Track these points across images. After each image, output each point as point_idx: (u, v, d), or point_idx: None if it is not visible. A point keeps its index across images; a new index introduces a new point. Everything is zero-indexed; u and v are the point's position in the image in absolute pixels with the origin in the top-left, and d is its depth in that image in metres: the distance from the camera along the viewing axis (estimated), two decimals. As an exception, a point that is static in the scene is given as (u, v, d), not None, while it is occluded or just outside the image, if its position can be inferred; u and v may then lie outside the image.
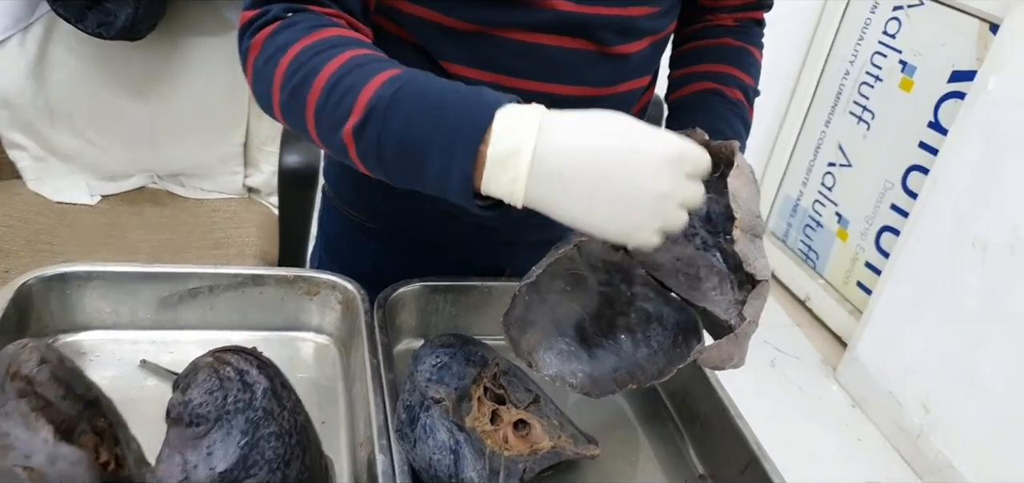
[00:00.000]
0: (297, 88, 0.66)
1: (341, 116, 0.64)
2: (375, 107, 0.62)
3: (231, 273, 0.91)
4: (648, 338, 0.77)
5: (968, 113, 2.06)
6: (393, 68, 0.65)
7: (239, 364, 0.66)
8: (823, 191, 2.77)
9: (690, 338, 0.75)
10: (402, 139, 0.62)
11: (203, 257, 1.50)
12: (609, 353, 0.77)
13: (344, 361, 0.91)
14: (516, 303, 0.74)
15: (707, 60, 0.94)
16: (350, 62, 0.65)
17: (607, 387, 0.76)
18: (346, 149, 0.65)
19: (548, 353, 0.76)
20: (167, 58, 1.58)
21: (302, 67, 0.65)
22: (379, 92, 0.62)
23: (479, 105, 0.60)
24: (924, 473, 2.19)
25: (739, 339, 0.67)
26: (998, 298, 1.98)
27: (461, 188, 0.61)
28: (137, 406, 0.79)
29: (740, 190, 0.68)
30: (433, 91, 0.62)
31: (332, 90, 0.64)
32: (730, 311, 0.71)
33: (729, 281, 0.72)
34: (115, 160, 1.63)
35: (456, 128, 0.60)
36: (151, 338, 0.89)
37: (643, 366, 0.76)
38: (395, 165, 0.64)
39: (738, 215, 0.68)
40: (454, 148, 0.60)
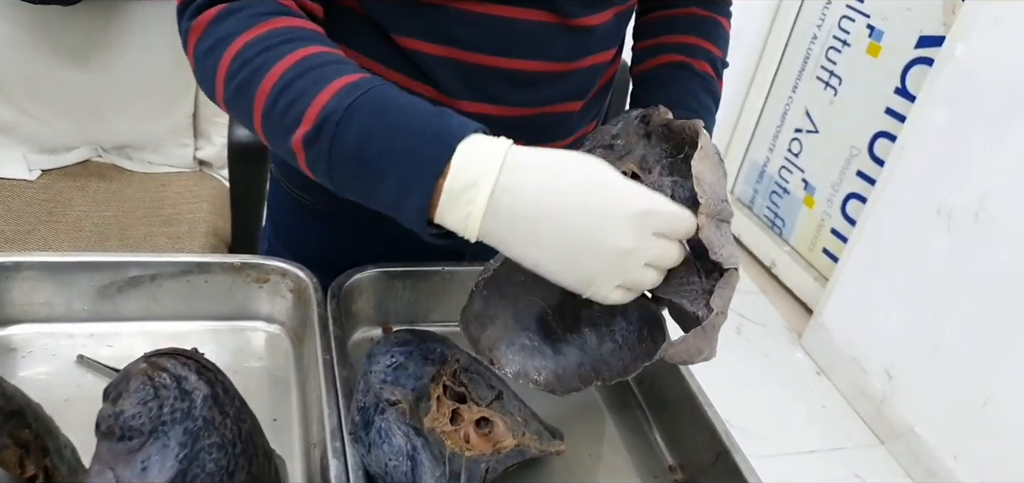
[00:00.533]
0: (243, 86, 0.62)
1: (291, 122, 0.60)
2: (328, 117, 0.58)
3: (175, 261, 0.86)
4: (612, 332, 0.74)
5: (935, 80, 2.05)
6: (350, 73, 0.61)
7: (176, 370, 0.61)
8: (789, 157, 2.76)
9: (656, 334, 0.71)
10: (355, 157, 0.58)
11: (152, 234, 1.44)
12: (573, 348, 0.74)
13: (297, 352, 0.87)
14: (474, 299, 0.70)
15: (673, 31, 0.91)
16: (302, 63, 0.60)
17: (572, 384, 0.73)
18: (295, 156, 0.61)
19: (510, 350, 0.72)
20: (106, 23, 1.49)
21: (248, 64, 0.61)
22: (333, 102, 0.58)
23: (442, 133, 0.57)
24: (887, 438, 2.22)
25: (707, 332, 0.64)
26: (962, 266, 1.99)
27: (416, 217, 0.58)
28: (74, 407, 0.75)
29: (704, 174, 0.65)
30: (393, 108, 0.59)
31: (281, 94, 0.60)
32: (697, 302, 0.67)
33: (695, 269, 0.68)
34: (55, 132, 1.55)
35: (415, 155, 0.56)
36: (89, 331, 0.84)
37: (608, 361, 0.73)
38: (345, 182, 0.61)
39: (702, 200, 0.64)
40: (412, 176, 0.57)
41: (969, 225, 1.96)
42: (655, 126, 0.71)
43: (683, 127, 0.68)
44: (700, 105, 0.85)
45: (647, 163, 0.71)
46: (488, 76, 0.78)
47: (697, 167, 0.64)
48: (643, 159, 0.72)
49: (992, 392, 1.91)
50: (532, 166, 0.57)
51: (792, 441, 2.18)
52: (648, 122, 0.72)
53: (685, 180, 0.69)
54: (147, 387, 0.59)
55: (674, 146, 0.70)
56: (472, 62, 0.77)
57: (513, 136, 0.59)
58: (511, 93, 0.80)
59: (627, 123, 0.72)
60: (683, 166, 0.69)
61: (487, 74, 0.78)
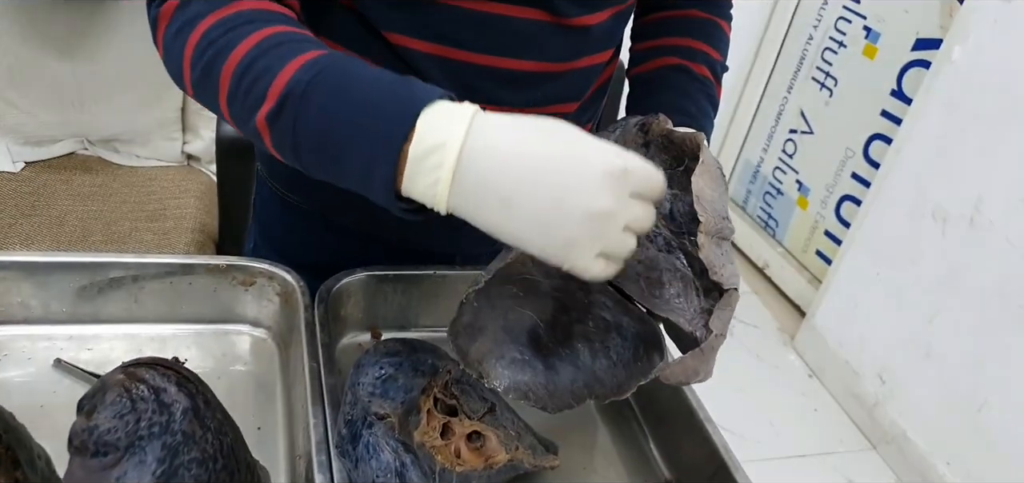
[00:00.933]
0: (208, 67, 0.60)
1: (254, 101, 0.58)
2: (290, 93, 0.56)
3: (158, 262, 0.84)
4: (607, 348, 0.71)
5: (932, 83, 2.03)
6: (313, 49, 0.59)
7: (155, 381, 0.59)
8: (784, 158, 2.75)
9: (652, 352, 0.69)
10: (319, 131, 0.56)
11: (137, 230, 1.41)
12: (566, 364, 0.71)
13: (283, 356, 0.85)
14: (464, 310, 0.68)
15: (672, 33, 0.89)
16: (266, 41, 0.58)
17: (564, 401, 0.70)
18: (261, 136, 0.60)
19: (499, 363, 0.70)
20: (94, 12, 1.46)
21: (213, 44, 0.59)
22: (296, 77, 0.56)
23: (406, 98, 0.54)
24: (879, 442, 2.21)
25: (705, 353, 0.62)
26: (956, 270, 1.98)
27: (383, 189, 0.55)
28: (50, 414, 0.73)
29: (705, 190, 0.63)
30: (356, 79, 0.57)
31: (245, 72, 0.58)
32: (695, 321, 0.65)
33: (694, 288, 0.66)
34: (41, 123, 1.52)
35: (379, 123, 0.54)
36: (68, 333, 0.81)
37: (602, 379, 0.71)
38: (312, 158, 0.58)
39: (703, 218, 0.62)
40: (376, 145, 0.54)
41: (964, 229, 1.95)
42: (654, 135, 0.69)
43: (684, 138, 0.66)
44: (698, 110, 0.83)
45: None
46: (480, 75, 0.76)
47: (697, 183, 0.62)
48: None
49: (987, 398, 1.89)
50: (501, 128, 0.54)
51: (783, 445, 2.17)
52: (647, 131, 0.70)
53: (684, 193, 0.67)
54: (123, 399, 0.57)
55: (673, 157, 0.68)
56: (464, 61, 0.75)
57: None
58: (503, 93, 0.78)
59: (625, 130, 0.70)
60: (683, 178, 0.68)
61: (479, 73, 0.76)
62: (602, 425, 0.86)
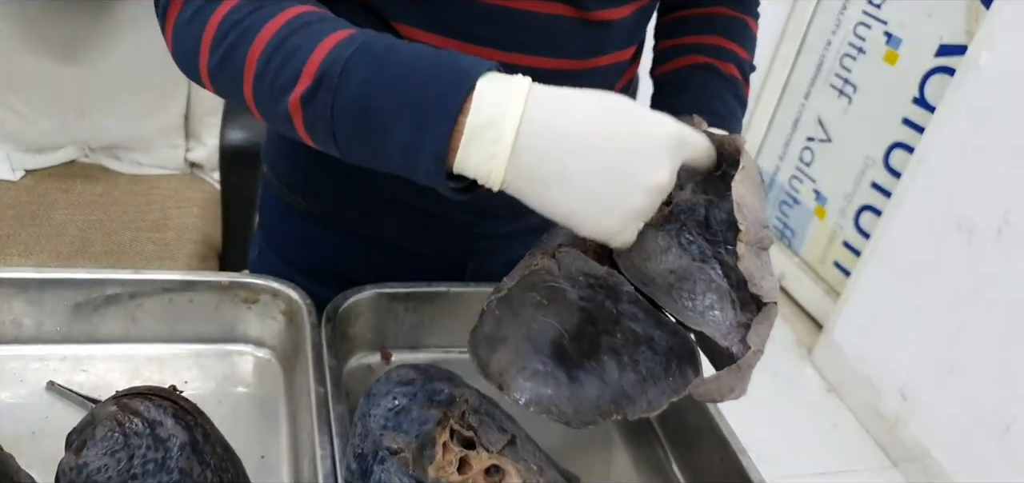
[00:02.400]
0: (231, 49, 0.57)
1: (286, 81, 0.55)
2: (328, 71, 0.53)
3: (156, 279, 0.80)
4: (636, 362, 0.66)
5: (957, 90, 1.99)
6: (346, 27, 0.56)
7: (149, 413, 0.54)
8: (801, 166, 2.70)
9: (685, 367, 0.64)
10: (361, 107, 0.53)
11: (138, 240, 1.37)
12: (591, 376, 0.67)
13: (288, 378, 0.81)
14: (484, 319, 0.64)
15: (699, 31, 0.86)
16: (296, 20, 0.56)
17: (589, 417, 0.66)
18: (290, 120, 0.57)
19: (521, 375, 0.66)
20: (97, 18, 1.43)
21: (237, 25, 0.57)
22: (333, 53, 0.54)
23: (456, 70, 0.52)
24: (900, 461, 2.15)
25: (742, 370, 0.58)
26: (982, 284, 1.93)
27: (432, 165, 0.52)
28: (41, 441, 0.69)
29: (746, 197, 0.59)
30: (398, 53, 0.54)
31: (275, 52, 0.55)
32: (731, 336, 0.61)
33: (729, 299, 0.62)
34: (41, 130, 1.49)
35: (429, 95, 0.52)
36: (61, 354, 0.77)
37: (630, 394, 0.66)
38: (351, 137, 0.55)
39: (743, 227, 0.58)
40: (427, 118, 0.51)
41: (990, 242, 1.90)
42: None
43: (722, 142, 0.62)
44: (727, 110, 0.80)
45: (679, 178, 0.65)
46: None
47: (738, 190, 0.58)
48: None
49: (1015, 417, 1.84)
50: (558, 102, 0.52)
51: (801, 462, 2.11)
52: None
53: (721, 199, 0.63)
54: (115, 434, 0.52)
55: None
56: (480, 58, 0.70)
57: None
58: None
59: None
60: (719, 183, 0.64)
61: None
62: (624, 449, 0.82)
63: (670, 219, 0.64)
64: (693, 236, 0.65)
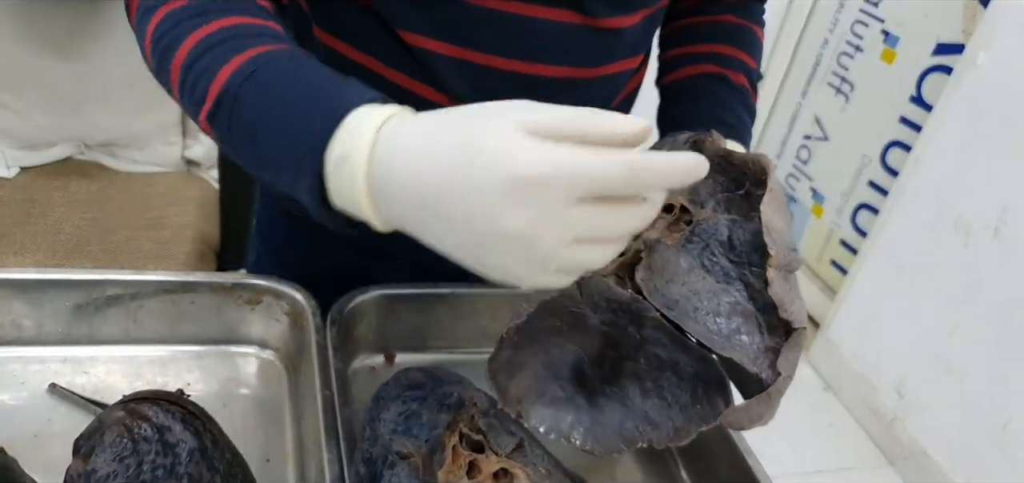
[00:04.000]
0: (162, 59, 0.58)
1: (198, 99, 0.56)
2: (226, 94, 0.54)
3: (158, 280, 0.79)
4: (660, 387, 0.64)
5: (955, 89, 1.99)
6: (257, 46, 0.55)
7: (158, 418, 0.53)
8: (798, 165, 2.70)
9: (714, 395, 0.62)
10: (249, 140, 0.54)
11: (135, 239, 1.36)
12: (613, 403, 0.65)
13: (292, 380, 0.80)
14: (503, 347, 0.62)
15: (706, 39, 0.84)
16: (212, 37, 0.55)
17: (612, 444, 0.63)
18: (210, 134, 0.58)
19: (540, 402, 0.64)
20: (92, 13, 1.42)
21: (165, 36, 0.57)
22: (231, 78, 0.54)
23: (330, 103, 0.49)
24: (896, 459, 2.16)
25: (773, 398, 0.56)
26: (980, 282, 1.93)
27: (312, 200, 0.50)
28: (43, 444, 0.68)
29: (774, 220, 0.58)
30: (291, 80, 0.53)
31: (189, 70, 0.56)
32: (760, 361, 0.59)
33: (756, 323, 0.60)
34: (36, 127, 1.47)
35: (301, 136, 0.50)
36: (62, 356, 0.76)
37: (655, 420, 0.64)
38: (248, 163, 0.56)
39: (773, 251, 0.57)
40: (299, 154, 0.50)
41: (987, 241, 1.90)
42: (709, 155, 0.64)
43: (745, 161, 0.61)
44: (737, 120, 0.79)
45: (699, 196, 0.64)
46: (502, 81, 0.71)
47: (767, 213, 0.57)
48: (694, 191, 0.64)
49: (1011, 415, 1.85)
50: (408, 132, 0.47)
51: (798, 460, 2.11)
52: (701, 148, 0.64)
53: (746, 220, 0.62)
54: (124, 440, 0.51)
55: (732, 180, 0.63)
56: (485, 65, 0.70)
57: None
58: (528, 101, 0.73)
59: (674, 147, 0.65)
60: (742, 203, 0.62)
61: (501, 79, 0.71)
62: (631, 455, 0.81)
63: (692, 239, 0.63)
64: (716, 256, 0.63)
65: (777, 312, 0.58)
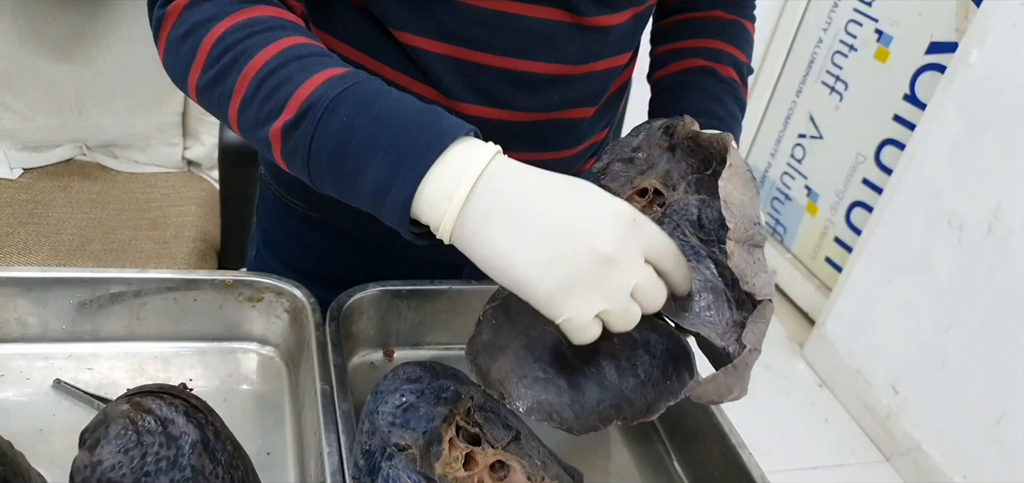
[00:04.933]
0: (223, 72, 0.59)
1: (272, 110, 0.57)
2: (313, 106, 0.55)
3: (161, 278, 0.80)
4: (635, 367, 0.66)
5: (948, 87, 2.00)
6: (336, 66, 0.58)
7: (162, 412, 0.55)
8: (792, 163, 2.71)
9: (681, 370, 0.64)
10: (339, 147, 0.55)
11: (137, 239, 1.37)
12: (591, 383, 0.66)
13: (292, 376, 0.81)
14: (482, 328, 0.64)
15: (696, 35, 0.86)
16: (288, 51, 0.58)
17: (590, 422, 0.65)
18: (270, 146, 0.59)
19: (521, 383, 0.65)
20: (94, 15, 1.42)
21: (231, 49, 0.58)
22: (321, 89, 0.55)
23: (436, 125, 0.54)
24: (892, 455, 2.17)
25: (739, 370, 0.57)
26: (973, 279, 1.94)
27: (397, 210, 0.54)
28: (48, 439, 0.69)
29: (734, 194, 0.58)
30: (382, 100, 0.56)
31: (265, 80, 0.57)
32: (727, 336, 0.60)
33: (725, 299, 0.62)
34: (38, 128, 1.48)
35: (407, 144, 0.53)
36: (66, 352, 0.78)
37: (630, 398, 0.65)
38: (325, 171, 0.57)
39: (731, 225, 0.58)
40: (400, 165, 0.53)
41: (981, 237, 1.92)
42: (680, 139, 0.66)
43: (711, 141, 0.63)
44: (727, 112, 0.80)
45: (671, 179, 0.66)
46: (494, 77, 0.73)
47: (725, 187, 0.58)
48: (667, 175, 0.66)
49: (1005, 410, 1.86)
50: (518, 167, 0.54)
51: (794, 456, 2.13)
52: (672, 134, 0.66)
53: (713, 198, 0.63)
54: (129, 432, 0.53)
55: (701, 161, 0.64)
56: (477, 62, 0.72)
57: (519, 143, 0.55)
58: (518, 96, 0.75)
59: (649, 134, 0.66)
60: (710, 182, 0.64)
61: (493, 75, 0.73)
62: (625, 445, 0.83)
63: (663, 220, 0.64)
64: (686, 236, 0.65)
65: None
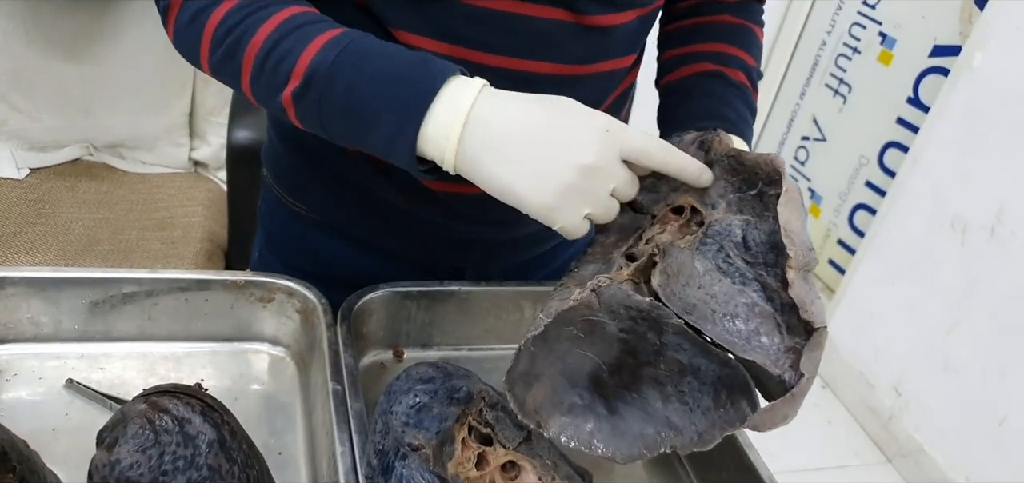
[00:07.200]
0: (230, 52, 0.63)
1: (279, 82, 0.62)
2: (315, 72, 0.61)
3: (173, 278, 0.80)
4: (681, 393, 0.63)
5: (952, 90, 2.00)
6: (331, 29, 0.63)
7: (178, 411, 0.55)
8: (796, 165, 2.72)
9: (738, 398, 0.61)
10: (347, 105, 0.61)
11: (144, 239, 1.37)
12: (633, 409, 0.64)
13: (303, 376, 0.82)
14: (520, 358, 0.62)
15: (705, 39, 0.85)
16: (285, 24, 0.62)
17: (634, 451, 0.63)
18: (286, 112, 0.64)
19: (557, 410, 0.64)
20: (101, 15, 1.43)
21: (233, 30, 0.62)
22: (319, 56, 0.61)
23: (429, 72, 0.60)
24: (894, 456, 2.17)
25: (796, 398, 0.56)
26: (976, 281, 1.95)
27: (406, 153, 0.60)
28: (62, 438, 0.70)
29: (792, 221, 0.58)
30: (379, 56, 0.61)
31: (268, 55, 0.62)
32: (781, 362, 0.58)
33: (775, 323, 0.60)
34: (45, 128, 1.48)
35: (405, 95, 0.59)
36: (79, 352, 0.78)
37: (677, 426, 0.62)
38: (338, 130, 0.63)
39: (792, 253, 0.57)
40: (403, 116, 0.59)
41: (984, 240, 1.92)
42: (719, 155, 0.64)
43: (757, 161, 0.61)
44: (738, 116, 0.80)
45: (709, 198, 0.64)
46: (496, 78, 0.72)
47: (784, 214, 0.58)
48: (705, 193, 0.64)
49: (1007, 412, 1.86)
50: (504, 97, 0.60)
51: (796, 457, 2.13)
52: (709, 149, 0.65)
53: (759, 220, 0.62)
54: (146, 432, 0.53)
55: (744, 180, 0.63)
56: (478, 62, 0.71)
57: None
58: None
59: (681, 146, 0.65)
60: (756, 203, 0.62)
61: (495, 76, 0.72)
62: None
63: (706, 241, 0.62)
64: (731, 258, 0.63)
65: (795, 312, 0.57)
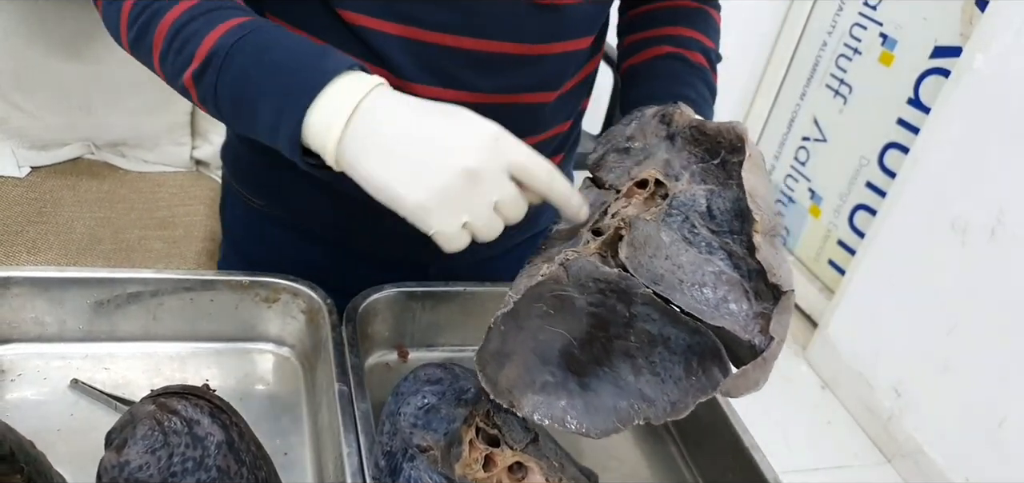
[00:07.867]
0: (143, 30, 0.65)
1: (183, 62, 0.63)
2: (215, 55, 0.62)
3: (177, 278, 0.80)
4: (652, 363, 0.63)
5: (952, 91, 2.00)
6: (240, 15, 0.64)
7: (187, 412, 0.55)
8: (796, 166, 2.72)
9: (710, 365, 0.61)
10: (237, 90, 0.62)
11: (146, 238, 1.37)
12: (605, 383, 0.64)
13: (308, 377, 0.82)
14: (491, 337, 0.62)
15: (663, 23, 0.87)
16: (197, 7, 0.63)
17: (607, 425, 0.63)
18: (189, 92, 0.65)
19: (530, 389, 0.64)
20: (103, 15, 1.42)
21: (147, 8, 0.64)
22: (222, 40, 0.62)
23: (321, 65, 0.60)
24: (894, 457, 2.17)
25: (767, 362, 0.56)
26: (976, 282, 1.95)
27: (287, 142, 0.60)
28: (67, 438, 0.70)
29: (756, 185, 0.58)
30: (274, 48, 0.62)
31: (176, 35, 0.63)
32: (750, 328, 0.58)
33: (742, 290, 0.59)
34: (46, 127, 1.48)
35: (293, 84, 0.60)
36: (83, 352, 0.78)
37: (650, 397, 0.63)
38: (230, 114, 0.65)
39: (758, 217, 0.57)
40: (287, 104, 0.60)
41: (984, 241, 1.92)
42: (680, 127, 0.64)
43: (719, 130, 0.61)
44: (698, 95, 0.80)
45: (672, 169, 0.64)
46: (448, 57, 0.72)
47: (749, 179, 0.58)
48: (667, 164, 0.64)
49: (1007, 413, 1.87)
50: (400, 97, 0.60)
51: (796, 458, 2.13)
52: (669, 122, 0.64)
53: (723, 189, 0.62)
54: (156, 433, 0.53)
55: (706, 150, 0.63)
56: (429, 42, 0.71)
57: None
58: (475, 78, 0.74)
59: (642, 122, 0.65)
60: (719, 171, 0.62)
61: (447, 55, 0.72)
62: (638, 446, 0.83)
63: (671, 212, 0.62)
64: (697, 228, 0.62)
65: (763, 278, 0.57)
